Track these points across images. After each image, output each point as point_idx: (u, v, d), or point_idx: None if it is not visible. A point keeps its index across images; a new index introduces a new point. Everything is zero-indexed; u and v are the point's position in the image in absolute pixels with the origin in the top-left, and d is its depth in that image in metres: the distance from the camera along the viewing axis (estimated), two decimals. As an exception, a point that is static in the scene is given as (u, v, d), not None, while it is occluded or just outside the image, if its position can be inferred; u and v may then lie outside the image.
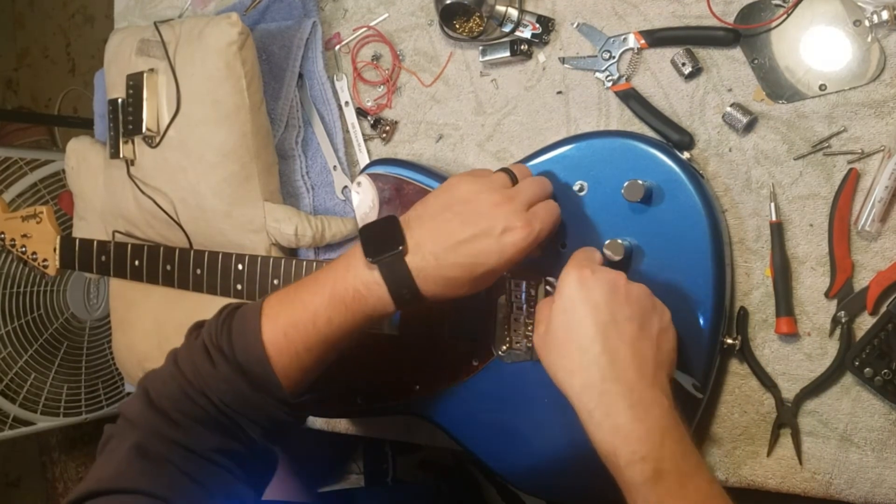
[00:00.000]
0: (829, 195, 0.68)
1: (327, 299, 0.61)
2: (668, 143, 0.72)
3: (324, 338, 0.61)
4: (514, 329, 0.73)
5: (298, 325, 0.61)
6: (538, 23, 0.80)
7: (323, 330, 0.61)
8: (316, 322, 0.61)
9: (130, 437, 0.58)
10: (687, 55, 0.73)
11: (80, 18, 2.42)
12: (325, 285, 0.62)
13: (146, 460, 0.57)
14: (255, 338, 0.60)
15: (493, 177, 0.65)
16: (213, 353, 0.61)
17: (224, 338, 0.61)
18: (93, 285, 1.67)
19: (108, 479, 0.55)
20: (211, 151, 0.87)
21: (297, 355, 0.61)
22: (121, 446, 0.58)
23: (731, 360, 0.72)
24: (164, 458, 0.57)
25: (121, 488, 0.54)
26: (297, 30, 0.91)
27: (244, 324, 0.61)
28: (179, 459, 0.57)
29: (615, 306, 0.59)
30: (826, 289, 0.68)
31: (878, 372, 0.65)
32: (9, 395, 1.51)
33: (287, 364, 0.61)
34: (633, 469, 0.54)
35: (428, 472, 1.35)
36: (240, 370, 0.60)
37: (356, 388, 0.81)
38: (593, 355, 0.57)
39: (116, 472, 0.56)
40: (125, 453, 0.57)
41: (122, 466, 0.56)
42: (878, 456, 0.67)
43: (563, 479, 0.72)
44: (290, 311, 0.61)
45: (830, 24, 0.68)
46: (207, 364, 0.60)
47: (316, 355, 0.62)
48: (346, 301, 0.61)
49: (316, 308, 0.61)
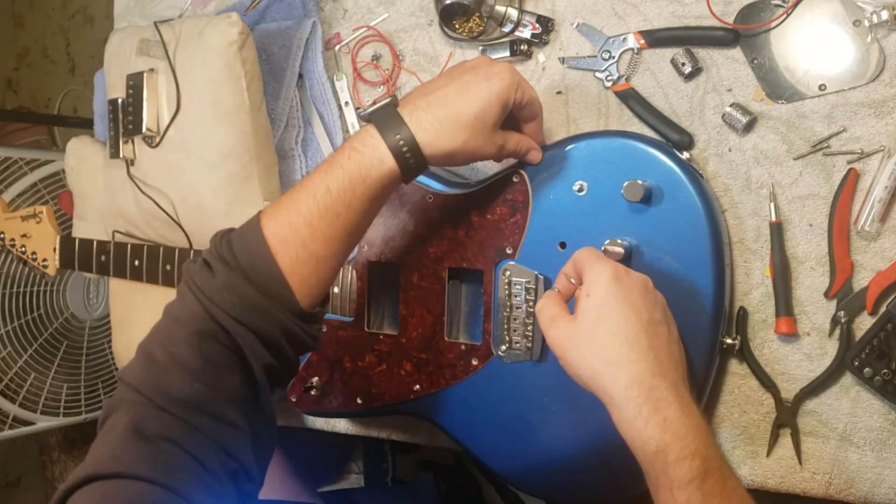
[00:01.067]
0: (828, 195, 0.68)
1: (323, 169, 0.59)
2: (668, 143, 0.72)
3: (325, 210, 0.57)
4: (514, 329, 0.73)
5: (300, 206, 0.58)
6: (538, 23, 0.80)
7: (323, 200, 0.57)
8: (315, 195, 0.58)
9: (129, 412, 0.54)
10: (686, 55, 0.73)
11: (80, 18, 2.42)
12: (319, 167, 0.60)
13: (144, 441, 0.52)
14: (257, 235, 0.57)
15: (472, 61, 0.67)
16: (214, 262, 0.57)
17: (224, 246, 0.58)
18: (92, 285, 1.67)
19: (106, 463, 0.51)
20: (211, 151, 0.87)
21: (302, 241, 0.57)
22: (118, 424, 0.54)
23: (731, 360, 0.72)
24: (166, 436, 0.53)
25: (119, 472, 0.51)
26: (297, 30, 0.91)
27: (244, 230, 0.59)
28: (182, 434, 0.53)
29: (651, 307, 0.59)
30: (825, 289, 0.68)
31: (878, 372, 0.65)
32: (8, 395, 1.51)
33: (294, 257, 0.57)
34: (684, 465, 0.52)
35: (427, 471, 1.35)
36: (243, 274, 0.57)
37: (356, 388, 0.81)
38: (642, 349, 0.56)
39: (113, 456, 0.52)
40: (122, 433, 0.53)
41: (118, 449, 0.52)
42: (878, 456, 0.67)
43: (563, 479, 0.72)
44: (289, 199, 0.59)
45: (830, 24, 0.68)
46: (208, 276, 0.57)
47: (323, 239, 0.58)
48: (343, 164, 0.58)
49: (314, 182, 0.58)
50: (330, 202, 0.58)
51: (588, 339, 0.57)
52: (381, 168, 0.59)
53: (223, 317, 0.56)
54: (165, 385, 0.55)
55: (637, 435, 0.54)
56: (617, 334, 0.56)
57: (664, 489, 0.53)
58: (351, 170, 0.58)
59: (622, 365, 0.55)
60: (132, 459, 0.51)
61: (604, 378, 0.56)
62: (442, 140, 0.60)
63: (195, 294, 0.57)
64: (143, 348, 0.58)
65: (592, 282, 0.59)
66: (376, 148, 0.59)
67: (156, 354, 0.56)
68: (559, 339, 0.59)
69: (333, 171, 0.58)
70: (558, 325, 0.59)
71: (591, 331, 0.57)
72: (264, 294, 0.57)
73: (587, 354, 0.57)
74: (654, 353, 0.56)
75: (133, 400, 0.55)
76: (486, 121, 0.62)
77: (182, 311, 0.58)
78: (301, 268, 0.58)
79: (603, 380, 0.56)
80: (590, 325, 0.57)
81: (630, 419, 0.54)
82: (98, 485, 0.50)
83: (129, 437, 0.52)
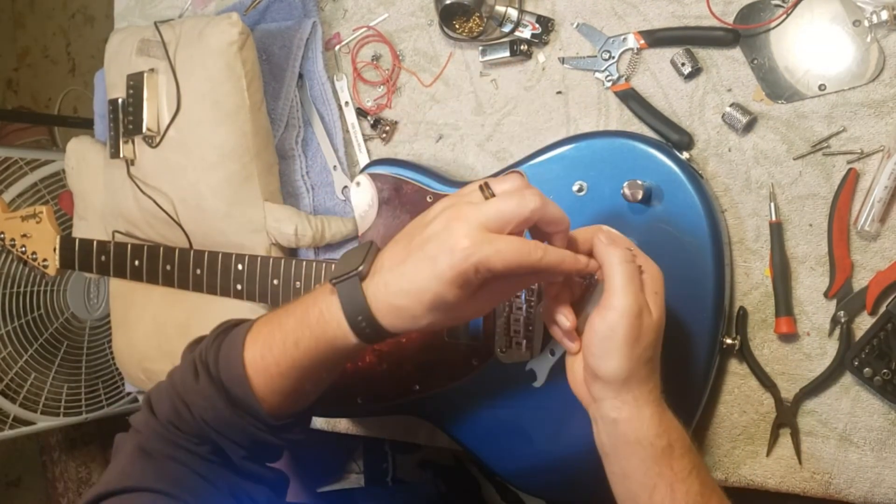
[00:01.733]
0: (828, 195, 0.68)
1: (297, 321, 0.59)
2: (668, 143, 0.73)
3: (293, 361, 0.59)
4: (514, 329, 0.73)
5: (273, 346, 0.60)
6: (538, 23, 0.80)
7: (291, 352, 0.59)
8: (286, 343, 0.59)
9: (134, 437, 0.60)
10: (686, 55, 0.73)
11: (81, 18, 2.42)
12: (299, 306, 0.60)
13: (149, 459, 0.58)
14: (237, 356, 0.60)
15: (463, 191, 0.56)
16: (199, 368, 0.61)
17: (212, 354, 0.62)
18: (93, 285, 1.67)
19: (115, 481, 0.57)
20: (211, 151, 0.87)
21: (272, 377, 0.60)
22: (125, 449, 0.60)
23: (731, 359, 0.72)
24: (168, 455, 0.59)
25: (127, 487, 0.56)
26: (297, 30, 0.92)
27: (231, 342, 0.62)
28: (182, 456, 0.59)
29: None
30: (825, 289, 0.68)
31: (878, 372, 0.65)
32: (9, 395, 1.51)
33: (264, 384, 0.60)
34: (685, 459, 0.55)
35: (427, 471, 1.35)
36: (221, 388, 0.60)
37: (356, 388, 0.81)
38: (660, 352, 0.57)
39: (122, 473, 0.58)
40: (130, 453, 0.59)
41: (126, 467, 0.58)
42: (878, 455, 0.67)
43: (562, 478, 0.72)
44: (269, 330, 0.61)
45: (830, 24, 0.68)
46: (192, 379, 0.61)
47: (289, 379, 0.60)
48: (311, 324, 0.58)
49: (287, 329, 0.59)
50: (298, 356, 0.59)
51: (654, 341, 0.55)
52: (345, 340, 0.57)
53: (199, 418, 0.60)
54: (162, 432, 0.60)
55: (652, 432, 0.55)
56: (660, 342, 0.57)
57: (664, 485, 0.54)
58: (318, 335, 0.58)
59: (654, 372, 0.56)
60: (139, 474, 0.57)
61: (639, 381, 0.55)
62: (404, 324, 0.55)
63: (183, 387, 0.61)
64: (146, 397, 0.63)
65: (657, 280, 0.57)
66: (340, 324, 0.56)
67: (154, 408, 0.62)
68: (635, 331, 0.54)
69: (303, 329, 0.58)
70: (644, 319, 0.54)
71: (659, 334, 0.56)
72: (235, 406, 0.60)
73: (647, 355, 0.55)
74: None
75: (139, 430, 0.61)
76: (446, 302, 0.53)
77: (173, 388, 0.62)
78: (270, 395, 0.61)
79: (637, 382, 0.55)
80: (661, 327, 0.56)
81: (648, 417, 0.55)
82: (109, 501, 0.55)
83: (136, 456, 0.59)
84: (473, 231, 0.51)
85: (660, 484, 0.54)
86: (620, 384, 0.55)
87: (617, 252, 0.55)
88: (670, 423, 0.56)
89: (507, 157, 0.83)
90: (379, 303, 0.55)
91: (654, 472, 0.54)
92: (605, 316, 0.54)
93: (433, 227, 0.53)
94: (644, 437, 0.54)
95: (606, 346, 0.54)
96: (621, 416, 0.55)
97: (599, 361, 0.55)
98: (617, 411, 0.55)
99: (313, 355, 0.59)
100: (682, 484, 0.54)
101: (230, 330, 0.64)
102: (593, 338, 0.55)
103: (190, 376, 0.61)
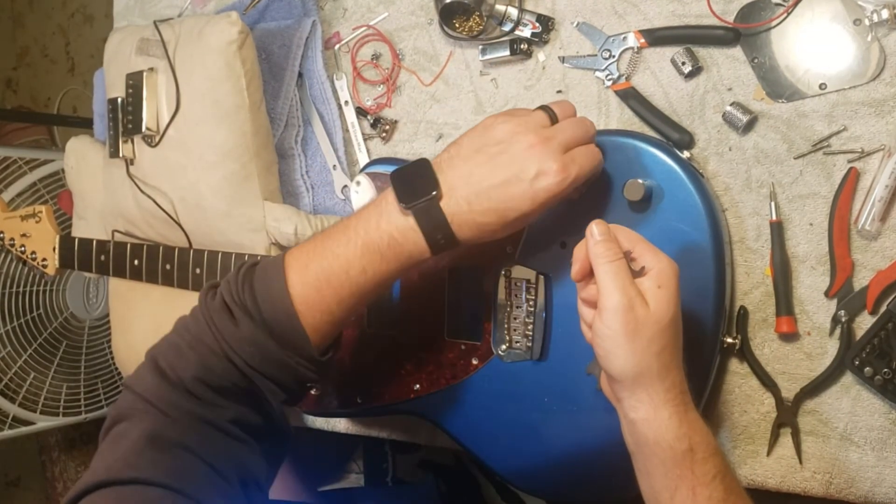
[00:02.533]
0: (829, 194, 0.68)
1: (360, 249, 0.59)
2: (668, 142, 0.72)
3: (358, 288, 0.59)
4: (514, 328, 0.73)
5: (331, 278, 0.59)
6: (538, 22, 0.80)
7: (357, 280, 0.59)
8: (350, 272, 0.59)
9: (143, 420, 0.55)
10: (687, 54, 0.72)
11: (80, 18, 2.42)
12: (357, 234, 0.60)
13: (160, 450, 0.54)
14: (282, 293, 0.58)
15: (530, 116, 0.61)
16: (236, 311, 0.59)
17: (247, 294, 0.59)
18: (92, 285, 1.67)
19: (120, 469, 0.52)
20: (210, 150, 0.87)
21: (329, 309, 0.59)
22: (131, 431, 0.54)
23: (731, 359, 0.72)
24: (181, 444, 0.54)
25: (134, 478, 0.51)
26: (297, 29, 0.91)
27: (267, 279, 0.59)
28: (196, 442, 0.55)
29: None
30: (826, 288, 0.68)
31: (878, 371, 0.65)
32: (8, 395, 1.51)
33: (318, 318, 0.59)
34: (708, 463, 0.53)
35: (428, 471, 1.35)
36: (266, 328, 0.58)
37: (356, 387, 0.81)
38: (681, 351, 0.56)
39: (127, 462, 0.53)
40: (136, 440, 0.54)
41: (133, 457, 0.53)
42: (878, 455, 0.67)
43: (563, 478, 0.72)
44: (320, 262, 0.60)
45: (830, 22, 0.68)
46: (230, 324, 0.58)
47: (347, 307, 0.60)
48: (382, 249, 0.59)
49: (349, 258, 0.59)
50: (364, 282, 0.60)
51: (658, 334, 0.54)
52: (419, 257, 0.60)
53: (242, 364, 0.58)
54: (176, 400, 0.56)
55: (671, 435, 0.53)
56: (676, 336, 0.56)
57: (685, 488, 0.53)
58: (390, 258, 0.59)
59: (671, 369, 0.55)
60: (147, 465, 0.52)
61: (653, 378, 0.54)
62: (481, 237, 0.60)
63: (215, 336, 0.59)
64: (152, 359, 0.59)
65: (665, 274, 0.55)
66: (417, 243, 0.59)
67: (166, 371, 0.58)
68: (630, 325, 0.54)
69: (371, 255, 0.59)
70: (637, 312, 0.54)
71: (663, 329, 0.54)
72: (284, 346, 0.59)
73: (653, 350, 0.54)
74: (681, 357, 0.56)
75: (143, 409, 0.56)
76: (529, 220, 0.60)
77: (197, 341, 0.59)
78: (323, 326, 0.60)
79: (651, 379, 0.54)
80: (664, 322, 0.54)
81: (666, 418, 0.54)
82: (112, 489, 0.51)
83: (143, 445, 0.54)
84: (557, 154, 0.58)
85: (681, 486, 0.53)
86: (632, 381, 0.54)
87: (598, 251, 0.56)
88: (692, 425, 0.54)
89: (507, 156, 0.83)
90: (460, 220, 0.58)
91: (674, 475, 0.54)
92: (600, 317, 0.55)
93: (514, 149, 0.58)
94: (662, 438, 0.54)
95: (608, 346, 0.55)
96: (638, 417, 0.55)
97: (606, 362, 0.55)
98: (634, 411, 0.55)
99: (382, 277, 0.60)
100: (705, 489, 0.53)
101: (253, 268, 0.61)
102: (596, 340, 0.56)
103: (226, 322, 0.58)
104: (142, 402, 0.56)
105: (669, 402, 0.54)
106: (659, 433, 0.54)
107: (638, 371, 0.54)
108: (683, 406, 0.55)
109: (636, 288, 0.55)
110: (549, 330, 0.71)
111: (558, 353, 0.71)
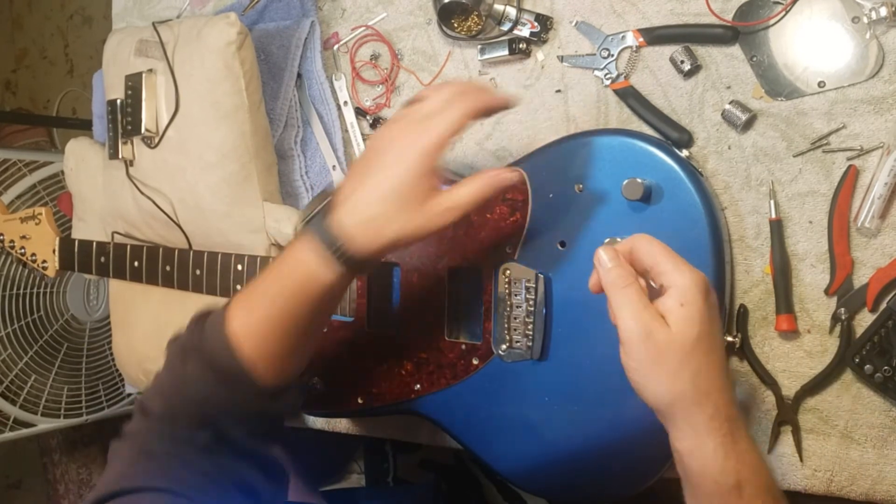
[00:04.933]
0: (828, 192, 0.68)
1: (273, 278, 0.60)
2: (667, 141, 0.72)
3: (276, 318, 0.59)
4: (514, 328, 0.73)
5: (254, 310, 0.60)
6: (536, 21, 0.80)
7: (279, 304, 0.59)
8: (265, 302, 0.59)
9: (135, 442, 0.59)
10: (685, 53, 0.72)
11: (79, 19, 2.42)
12: (273, 268, 0.61)
13: (151, 458, 0.57)
14: (220, 330, 0.60)
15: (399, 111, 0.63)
16: (187, 353, 0.61)
17: (195, 337, 0.61)
18: (92, 286, 1.67)
19: (114, 483, 0.55)
20: (210, 151, 0.87)
21: (259, 341, 0.59)
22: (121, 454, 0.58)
23: (732, 357, 0.72)
24: (169, 452, 0.57)
25: (126, 489, 0.54)
26: (296, 29, 0.91)
27: (213, 320, 0.61)
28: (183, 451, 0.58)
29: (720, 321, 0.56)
30: (826, 286, 0.68)
31: (879, 369, 0.65)
32: (9, 397, 1.51)
33: (253, 350, 0.59)
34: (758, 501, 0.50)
35: (428, 471, 1.35)
36: (209, 365, 0.59)
37: (356, 387, 0.81)
38: (725, 375, 0.52)
39: (120, 475, 0.56)
40: (127, 458, 0.57)
41: (125, 469, 0.56)
42: (879, 453, 0.67)
43: (564, 478, 0.72)
44: (247, 296, 0.61)
45: (829, 20, 0.68)
46: (180, 366, 0.60)
47: (277, 339, 0.60)
48: (288, 274, 0.59)
49: (266, 289, 0.60)
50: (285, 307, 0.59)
51: (687, 359, 0.50)
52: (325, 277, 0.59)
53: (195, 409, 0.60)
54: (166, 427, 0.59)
55: (716, 468, 0.50)
56: (711, 357, 0.51)
57: None
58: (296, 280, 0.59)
59: (711, 393, 0.51)
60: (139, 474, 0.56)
61: (690, 405, 0.51)
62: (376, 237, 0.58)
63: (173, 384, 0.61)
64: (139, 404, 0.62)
65: (688, 291, 0.51)
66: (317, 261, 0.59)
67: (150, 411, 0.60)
68: (652, 353, 0.51)
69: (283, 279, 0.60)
70: (656, 337, 0.51)
71: (691, 351, 0.51)
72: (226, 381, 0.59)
73: (684, 376, 0.50)
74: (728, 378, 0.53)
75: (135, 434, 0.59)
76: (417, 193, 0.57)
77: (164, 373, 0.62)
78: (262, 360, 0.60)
79: (688, 407, 0.51)
80: (690, 343, 0.51)
81: (711, 451, 0.50)
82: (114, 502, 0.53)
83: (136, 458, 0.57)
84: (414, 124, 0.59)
85: None
86: (668, 411, 0.52)
87: (609, 279, 0.54)
88: (741, 457, 0.51)
89: (506, 155, 0.83)
90: (352, 221, 0.58)
91: None
92: (622, 349, 0.53)
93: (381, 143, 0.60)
94: (708, 472, 0.50)
95: (635, 378, 0.53)
96: (683, 448, 0.52)
97: (640, 394, 0.53)
98: (679, 442, 0.52)
99: (295, 305, 0.59)
100: None
101: (207, 314, 0.63)
102: (627, 374, 0.53)
103: (178, 364, 0.61)
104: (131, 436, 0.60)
105: (714, 430, 0.50)
106: (704, 466, 0.51)
107: (671, 399, 0.51)
108: (731, 436, 0.51)
109: (652, 311, 0.52)
110: (549, 329, 0.71)
111: (558, 353, 0.71)
